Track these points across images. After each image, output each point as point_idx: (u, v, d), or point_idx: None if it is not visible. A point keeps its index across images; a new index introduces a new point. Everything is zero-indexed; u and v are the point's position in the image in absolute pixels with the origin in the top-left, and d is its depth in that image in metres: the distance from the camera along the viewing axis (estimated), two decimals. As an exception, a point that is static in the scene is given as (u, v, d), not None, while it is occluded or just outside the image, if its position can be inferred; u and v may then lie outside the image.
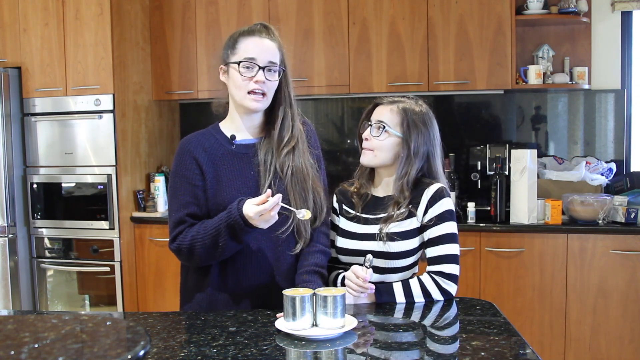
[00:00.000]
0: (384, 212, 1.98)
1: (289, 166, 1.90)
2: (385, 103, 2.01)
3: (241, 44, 1.86)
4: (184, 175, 1.89)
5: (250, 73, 1.84)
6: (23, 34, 4.00)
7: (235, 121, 1.95)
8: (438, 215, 1.92)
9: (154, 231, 3.97)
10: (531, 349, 1.50)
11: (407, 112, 1.97)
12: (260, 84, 1.84)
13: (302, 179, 1.91)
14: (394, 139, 1.97)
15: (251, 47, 1.85)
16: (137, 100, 4.09)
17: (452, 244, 1.92)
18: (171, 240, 1.88)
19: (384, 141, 1.97)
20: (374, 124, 1.98)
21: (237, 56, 1.86)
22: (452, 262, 1.90)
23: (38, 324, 1.22)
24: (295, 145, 1.92)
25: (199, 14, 4.09)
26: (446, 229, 1.92)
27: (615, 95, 3.84)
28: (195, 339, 1.61)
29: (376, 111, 2.02)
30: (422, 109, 2.01)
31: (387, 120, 1.97)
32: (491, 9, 3.64)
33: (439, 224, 1.92)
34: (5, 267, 3.93)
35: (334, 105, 4.25)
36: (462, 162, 3.92)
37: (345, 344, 1.55)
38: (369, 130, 1.99)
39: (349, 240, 2.00)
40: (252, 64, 1.83)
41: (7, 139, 3.93)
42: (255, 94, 1.85)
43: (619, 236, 3.30)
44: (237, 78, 1.85)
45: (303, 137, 1.97)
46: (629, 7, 3.73)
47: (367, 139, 1.98)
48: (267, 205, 1.69)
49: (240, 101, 1.87)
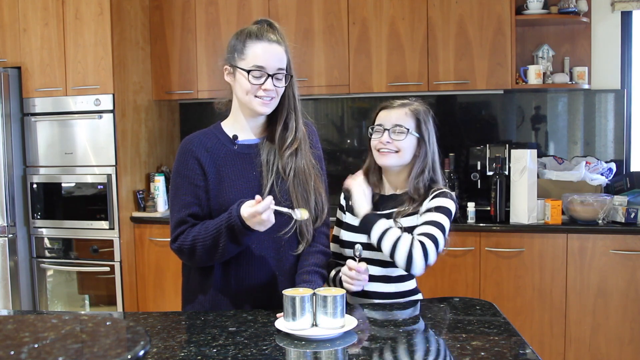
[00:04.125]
0: (389, 207, 2.02)
1: (292, 167, 1.90)
2: (396, 107, 2.04)
3: (250, 49, 1.84)
4: (186, 176, 1.88)
5: (259, 81, 1.83)
6: (23, 33, 4.00)
7: (238, 121, 1.94)
8: (435, 207, 1.95)
9: (154, 231, 3.97)
10: (531, 349, 1.50)
11: (419, 113, 2.04)
12: (269, 92, 1.84)
13: (305, 180, 1.91)
14: (414, 140, 2.02)
15: (260, 54, 1.82)
16: (137, 100, 4.09)
17: (437, 229, 1.89)
18: (172, 240, 1.88)
19: (407, 142, 2.01)
20: (391, 128, 2.01)
21: (246, 63, 1.83)
22: (431, 240, 1.85)
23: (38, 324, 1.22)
24: (298, 147, 1.92)
25: (199, 14, 4.09)
26: (437, 218, 1.92)
27: (615, 95, 3.84)
28: (195, 339, 1.61)
29: (386, 115, 2.04)
30: (425, 107, 2.09)
31: (404, 123, 2.01)
32: (491, 9, 3.64)
33: (431, 212, 1.94)
34: (5, 267, 3.93)
35: (334, 105, 4.25)
36: (462, 162, 3.92)
37: (345, 344, 1.55)
38: (387, 134, 2.01)
39: (354, 234, 2.03)
40: (261, 72, 1.82)
41: (7, 139, 3.93)
42: (263, 97, 1.85)
43: (618, 236, 3.30)
44: (246, 84, 1.84)
45: (306, 138, 1.97)
46: (629, 7, 3.73)
47: (389, 142, 2.00)
48: (259, 208, 1.68)
49: (249, 105, 1.87)
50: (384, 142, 2.01)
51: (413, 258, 1.83)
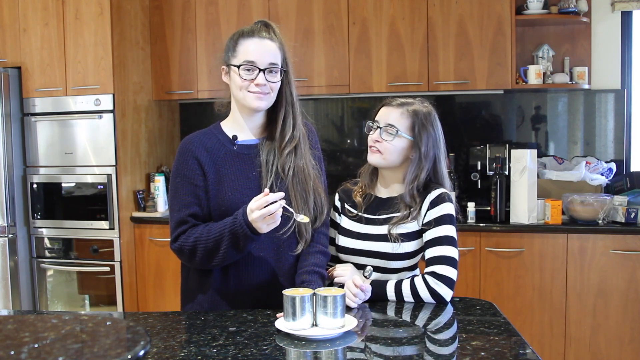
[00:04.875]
0: (386, 213, 1.99)
1: (290, 166, 1.90)
2: (394, 105, 1.99)
3: (241, 46, 1.85)
4: (186, 175, 1.89)
5: (250, 76, 1.83)
6: (23, 34, 4.00)
7: (237, 121, 1.94)
8: (437, 218, 1.92)
9: (154, 231, 3.97)
10: (531, 349, 1.50)
11: (417, 115, 1.97)
12: (262, 87, 1.84)
13: (304, 180, 1.91)
14: (404, 142, 1.96)
15: (251, 49, 1.84)
16: (137, 100, 4.09)
17: (449, 247, 1.90)
18: (173, 240, 1.88)
19: (395, 144, 1.96)
20: (383, 126, 1.96)
21: (237, 59, 1.85)
22: (447, 264, 1.87)
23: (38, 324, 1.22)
24: (297, 145, 1.92)
25: (199, 14, 4.09)
26: (444, 232, 1.91)
27: (615, 95, 3.84)
28: (195, 339, 1.61)
29: (384, 112, 2.00)
30: (429, 109, 2.01)
31: (398, 124, 1.96)
32: (491, 9, 3.64)
33: (437, 226, 1.92)
34: (5, 267, 3.93)
35: (334, 105, 4.25)
36: (462, 162, 3.92)
37: (345, 344, 1.55)
38: (378, 132, 1.97)
39: (351, 240, 2.01)
40: (252, 66, 1.83)
41: (7, 139, 3.93)
42: (257, 92, 1.85)
43: (618, 236, 3.30)
44: (238, 80, 1.85)
45: (305, 138, 1.97)
46: (629, 7, 3.73)
47: (378, 140, 1.97)
48: (272, 208, 1.69)
49: (243, 101, 1.87)
50: (373, 139, 1.98)
51: (435, 291, 1.84)
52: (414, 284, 1.87)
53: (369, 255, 1.97)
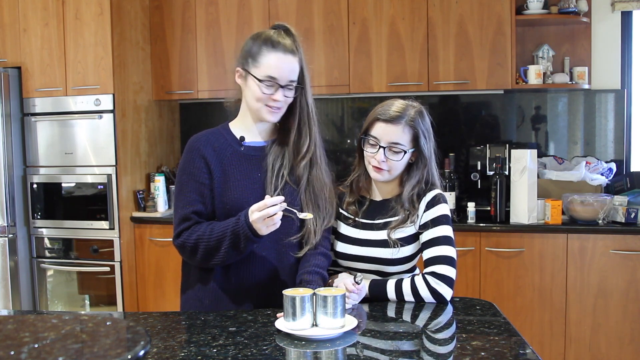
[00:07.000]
0: (384, 217, 1.99)
1: (306, 177, 1.92)
2: (392, 122, 1.92)
3: (264, 58, 1.84)
4: (191, 173, 1.90)
5: (270, 91, 1.84)
6: (23, 34, 4.00)
7: (245, 123, 1.96)
8: (433, 219, 1.93)
9: (154, 231, 3.96)
10: (531, 349, 1.50)
11: (416, 123, 1.94)
12: (278, 102, 1.85)
13: (320, 188, 1.94)
14: (409, 155, 1.96)
15: (274, 65, 1.83)
16: (137, 100, 4.09)
17: (447, 246, 1.91)
18: (175, 236, 1.89)
19: (403, 160, 1.95)
20: (387, 146, 1.92)
21: (259, 71, 1.84)
22: (446, 264, 1.88)
23: (38, 324, 1.22)
24: (313, 156, 1.94)
25: (199, 14, 4.09)
26: (442, 232, 1.92)
27: (615, 95, 3.84)
28: (195, 339, 1.61)
29: (383, 130, 1.93)
30: (419, 109, 1.98)
31: (402, 140, 1.93)
32: (491, 9, 3.64)
33: (434, 226, 1.93)
34: (5, 267, 3.93)
35: (334, 105, 4.25)
36: (462, 162, 3.92)
37: (345, 344, 1.55)
38: (382, 153, 1.92)
39: (350, 246, 2.01)
40: (273, 82, 1.83)
41: (7, 139, 3.93)
42: (272, 107, 1.86)
43: (619, 236, 3.30)
44: (257, 92, 1.85)
45: (320, 144, 1.99)
46: (629, 7, 3.73)
47: (384, 161, 1.93)
48: (270, 210, 1.71)
49: (257, 112, 1.88)
50: (379, 160, 1.93)
51: (435, 290, 1.85)
52: (414, 283, 1.88)
53: (367, 261, 1.97)
